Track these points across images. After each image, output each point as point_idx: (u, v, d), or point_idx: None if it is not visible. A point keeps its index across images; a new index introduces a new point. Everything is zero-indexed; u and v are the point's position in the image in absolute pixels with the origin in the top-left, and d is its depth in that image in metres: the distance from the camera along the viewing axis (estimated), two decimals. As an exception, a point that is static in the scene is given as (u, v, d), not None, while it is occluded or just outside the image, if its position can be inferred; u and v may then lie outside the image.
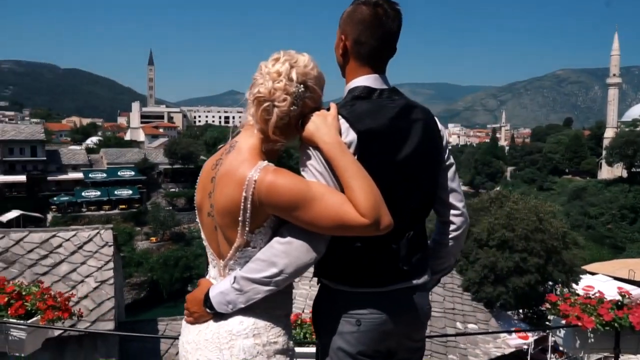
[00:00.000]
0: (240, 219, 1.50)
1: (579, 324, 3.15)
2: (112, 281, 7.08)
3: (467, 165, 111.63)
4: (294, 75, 1.52)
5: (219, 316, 1.56)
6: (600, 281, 17.37)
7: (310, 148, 1.54)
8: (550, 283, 18.87)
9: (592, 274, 22.04)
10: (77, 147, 71.38)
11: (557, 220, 19.69)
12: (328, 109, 1.60)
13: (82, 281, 6.88)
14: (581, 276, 19.66)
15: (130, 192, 57.96)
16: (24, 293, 3.12)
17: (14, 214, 47.20)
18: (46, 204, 54.33)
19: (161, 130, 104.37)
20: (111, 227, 8.11)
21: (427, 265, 1.78)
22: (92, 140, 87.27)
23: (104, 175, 59.80)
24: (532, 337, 15.70)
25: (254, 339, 1.54)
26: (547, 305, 3.38)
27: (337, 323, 1.64)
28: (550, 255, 18.22)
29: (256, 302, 1.53)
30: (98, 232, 7.72)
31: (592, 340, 3.24)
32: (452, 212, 1.79)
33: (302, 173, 1.55)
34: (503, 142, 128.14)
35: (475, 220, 18.98)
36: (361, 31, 1.62)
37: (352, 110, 1.59)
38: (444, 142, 1.76)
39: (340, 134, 1.54)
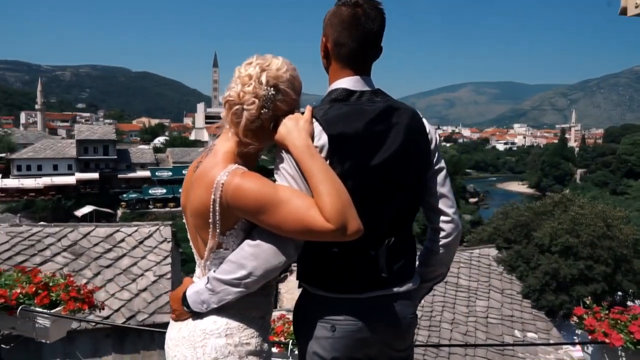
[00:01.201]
0: (210, 220, 1.53)
1: (606, 340, 2.94)
2: (169, 276, 7.40)
3: (533, 167, 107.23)
4: (263, 79, 1.52)
5: (197, 315, 1.59)
6: (677, 294, 16.20)
7: (284, 151, 1.53)
8: (619, 293, 17.80)
9: (668, 285, 20.53)
10: (145, 147, 74.84)
11: (628, 226, 18.52)
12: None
13: (141, 275, 7.24)
14: (655, 288, 18.41)
15: (194, 190, 59.97)
16: (51, 284, 3.31)
17: (87, 209, 50.56)
18: (116, 201, 57.58)
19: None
20: (170, 223, 8.46)
21: (413, 273, 1.72)
22: (159, 140, 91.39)
23: (170, 173, 62.21)
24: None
25: (226, 338, 1.56)
26: (575, 319, 3.16)
27: (313, 327, 1.62)
28: (619, 264, 17.13)
29: (231, 302, 1.55)
30: (158, 229, 8.09)
31: (624, 359, 3.01)
32: (442, 218, 1.72)
33: (275, 176, 1.55)
34: (573, 143, 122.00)
35: (536, 225, 18.18)
36: (340, 32, 1.59)
37: (327, 113, 1.56)
38: (433, 146, 1.70)
39: (313, 138, 1.52)
